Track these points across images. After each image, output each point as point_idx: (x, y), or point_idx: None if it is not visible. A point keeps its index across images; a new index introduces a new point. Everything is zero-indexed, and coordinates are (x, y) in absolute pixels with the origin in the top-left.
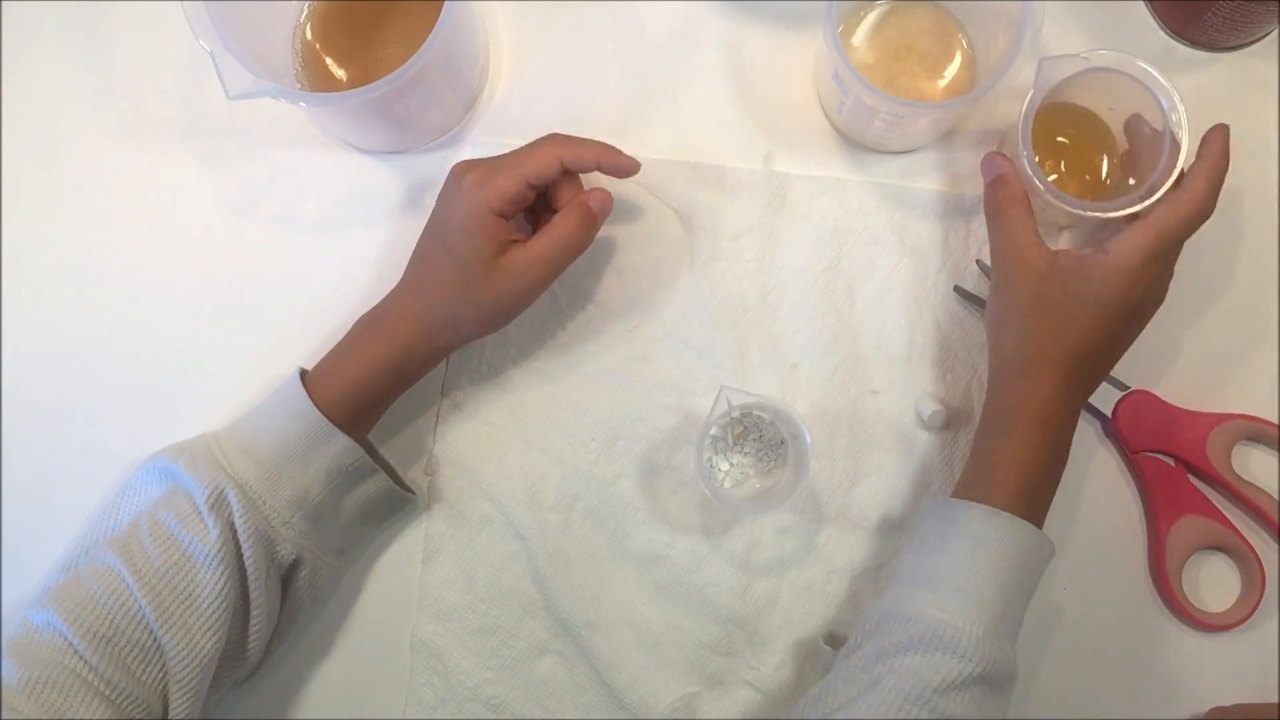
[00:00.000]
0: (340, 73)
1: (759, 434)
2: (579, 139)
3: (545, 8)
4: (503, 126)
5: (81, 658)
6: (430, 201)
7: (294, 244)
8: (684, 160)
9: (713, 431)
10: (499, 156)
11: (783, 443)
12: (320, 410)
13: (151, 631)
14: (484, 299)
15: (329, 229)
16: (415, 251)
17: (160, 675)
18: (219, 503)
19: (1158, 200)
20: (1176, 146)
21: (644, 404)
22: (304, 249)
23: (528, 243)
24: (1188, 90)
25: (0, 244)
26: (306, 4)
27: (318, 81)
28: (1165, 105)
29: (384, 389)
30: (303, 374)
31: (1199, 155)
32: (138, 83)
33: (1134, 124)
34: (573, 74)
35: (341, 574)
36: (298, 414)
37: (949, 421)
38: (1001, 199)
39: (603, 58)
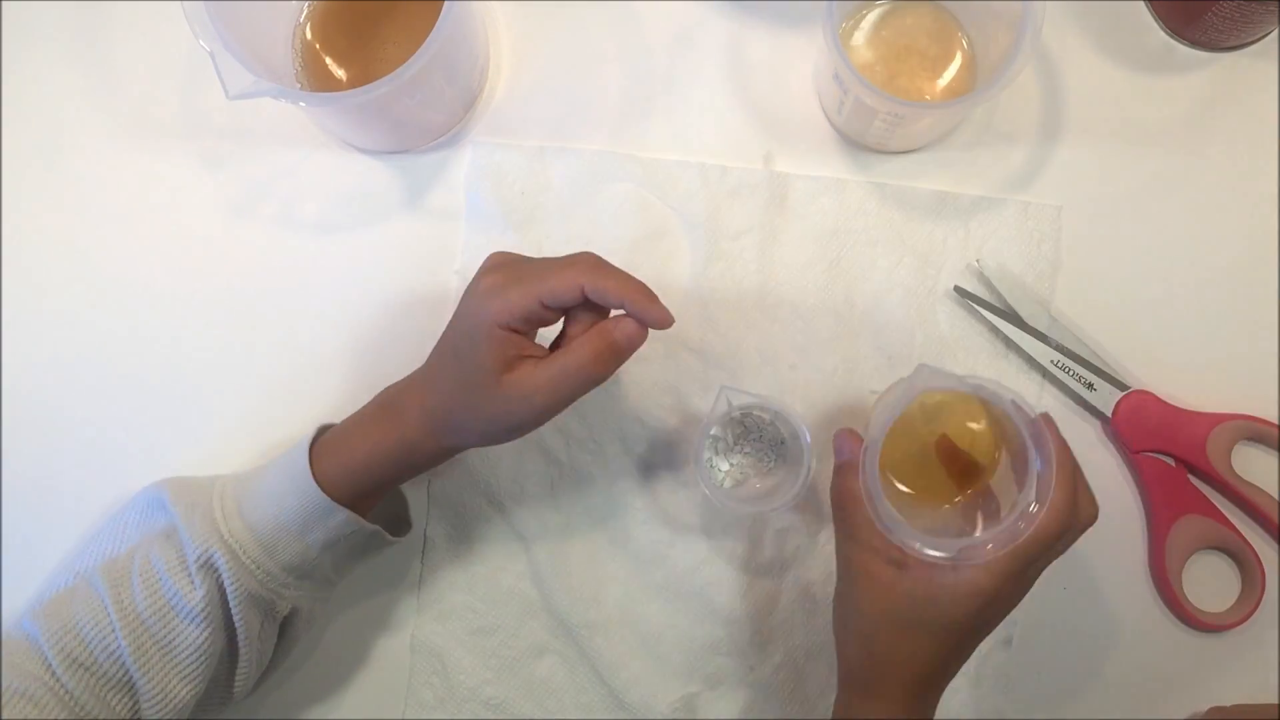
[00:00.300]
0: (340, 73)
1: (759, 434)
2: (611, 271)
3: (545, 8)
4: (503, 126)
5: (57, 679)
6: (430, 201)
7: (294, 244)
8: (684, 160)
9: (713, 431)
10: (525, 263)
11: (783, 442)
12: (322, 485)
13: (127, 669)
14: (487, 413)
15: (329, 229)
16: (440, 339)
17: (132, 708)
18: (207, 565)
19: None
20: (1043, 482)
21: (643, 404)
22: (304, 249)
23: (539, 364)
24: (1188, 90)
25: (0, 243)
26: (306, 4)
27: (318, 81)
28: (1029, 438)
29: (389, 474)
30: (317, 435)
31: (1054, 466)
32: (138, 83)
33: (1005, 426)
34: (573, 74)
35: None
36: (298, 488)
37: None
38: (846, 491)
39: (603, 58)
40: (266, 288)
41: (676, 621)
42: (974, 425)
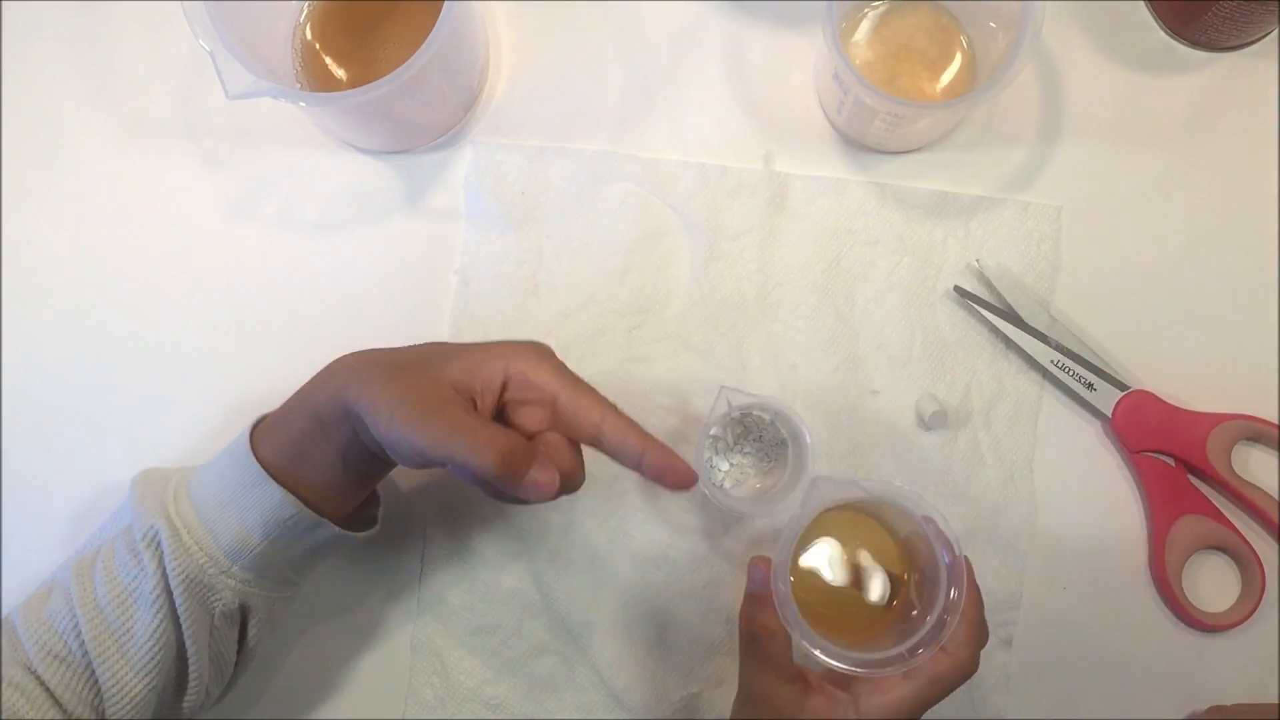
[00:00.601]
0: (340, 73)
1: (759, 434)
2: (633, 429)
3: (545, 8)
4: (503, 126)
5: (35, 673)
6: (430, 201)
7: (294, 244)
8: (684, 160)
9: (713, 431)
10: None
11: (783, 443)
12: (261, 459)
13: (89, 661)
14: (406, 384)
15: (329, 229)
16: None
17: (98, 704)
18: (152, 543)
19: (922, 654)
20: (951, 601)
21: (644, 404)
22: (304, 249)
23: (468, 414)
24: (1188, 90)
25: (0, 243)
26: (306, 4)
27: (318, 81)
28: (940, 551)
29: (308, 436)
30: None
31: (962, 608)
32: (138, 83)
33: (913, 541)
34: (573, 74)
35: (329, 598)
36: (236, 461)
37: (949, 421)
38: (757, 623)
39: (603, 58)
40: (266, 288)
41: (677, 621)
42: (879, 539)
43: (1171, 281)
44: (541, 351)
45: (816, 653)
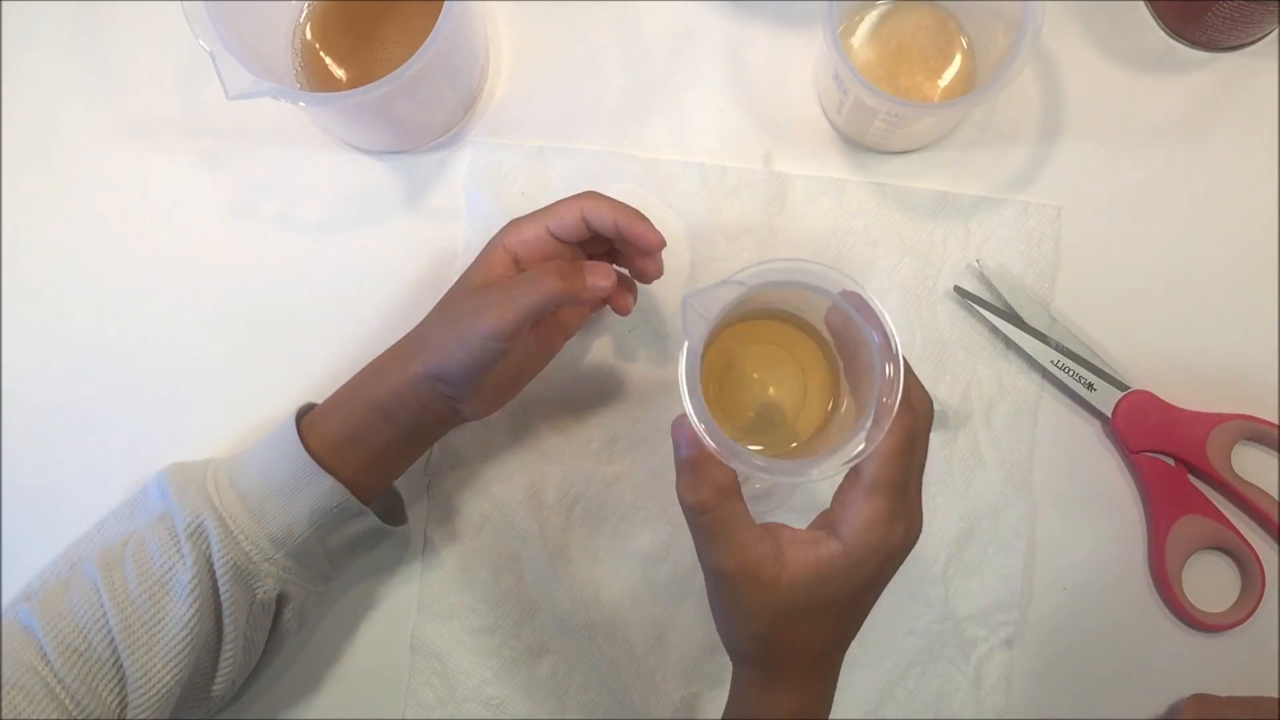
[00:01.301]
0: (340, 73)
1: None
2: (608, 199)
3: (545, 8)
4: (503, 126)
5: (51, 667)
6: (430, 201)
7: (294, 244)
8: (684, 160)
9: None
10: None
11: None
12: (310, 450)
13: (116, 654)
14: (450, 314)
15: (329, 229)
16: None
17: (120, 698)
18: (197, 533)
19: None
20: (888, 359)
21: (644, 403)
22: (304, 249)
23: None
24: (1188, 90)
25: (0, 243)
26: (306, 4)
27: (318, 81)
28: (867, 330)
29: (367, 425)
30: (306, 411)
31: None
32: (138, 83)
33: (831, 317)
34: (573, 74)
35: (330, 597)
36: (285, 452)
37: (949, 421)
38: (702, 491)
39: (603, 58)
40: (266, 288)
41: (677, 622)
42: (807, 342)
43: (1171, 281)
44: (516, 222)
45: (771, 475)
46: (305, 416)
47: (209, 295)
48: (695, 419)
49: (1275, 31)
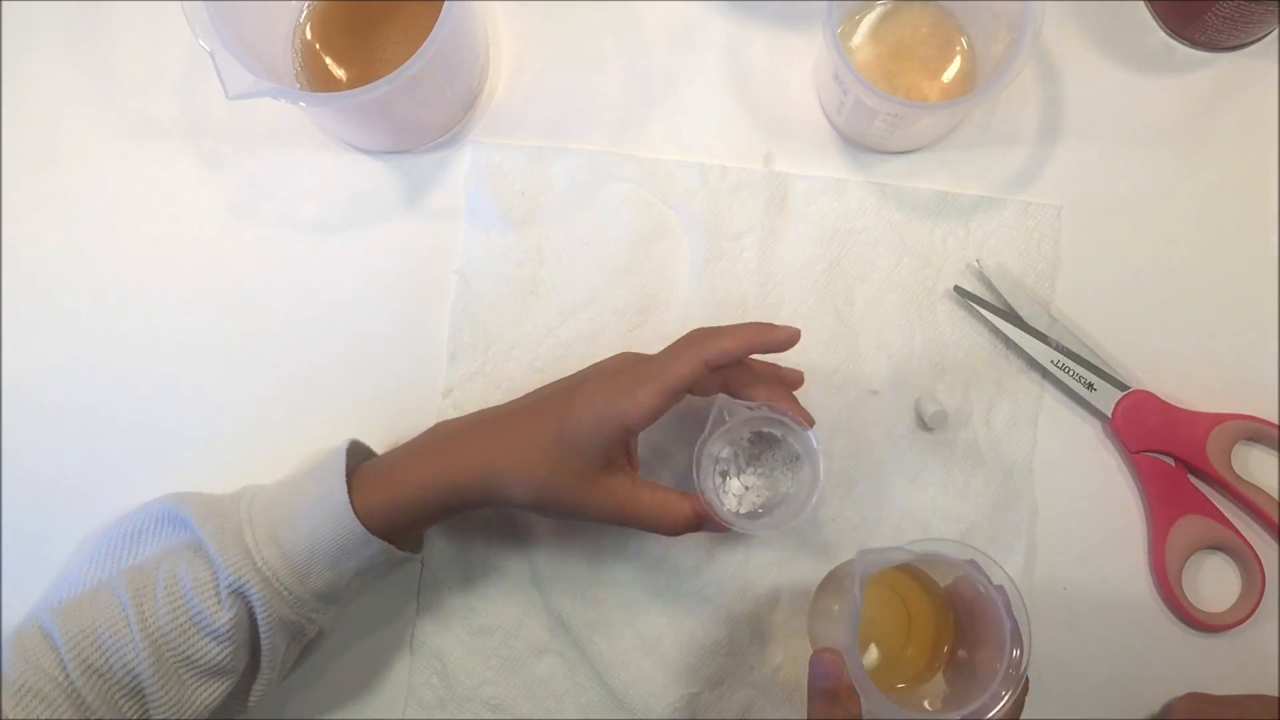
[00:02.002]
0: (340, 73)
1: (771, 452)
2: (720, 332)
3: (545, 8)
4: (503, 126)
5: (71, 682)
6: (430, 201)
7: (294, 244)
8: (684, 160)
9: (723, 454)
10: (647, 361)
11: (796, 458)
12: (361, 517)
13: (140, 681)
14: (559, 497)
15: (329, 229)
16: (534, 397)
17: (138, 714)
18: (238, 593)
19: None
20: (1018, 645)
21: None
22: (304, 249)
23: (633, 489)
24: (1188, 90)
25: (0, 243)
26: (306, 4)
27: (318, 81)
28: (1003, 613)
29: (431, 514)
30: (355, 459)
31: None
32: (138, 83)
33: (961, 587)
34: (573, 74)
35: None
36: (336, 520)
37: (949, 421)
38: (835, 716)
39: (603, 58)
40: (266, 288)
41: (677, 622)
42: (919, 591)
43: (1171, 281)
44: (631, 380)
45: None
46: (356, 472)
47: (209, 295)
48: (851, 664)
49: (1275, 31)
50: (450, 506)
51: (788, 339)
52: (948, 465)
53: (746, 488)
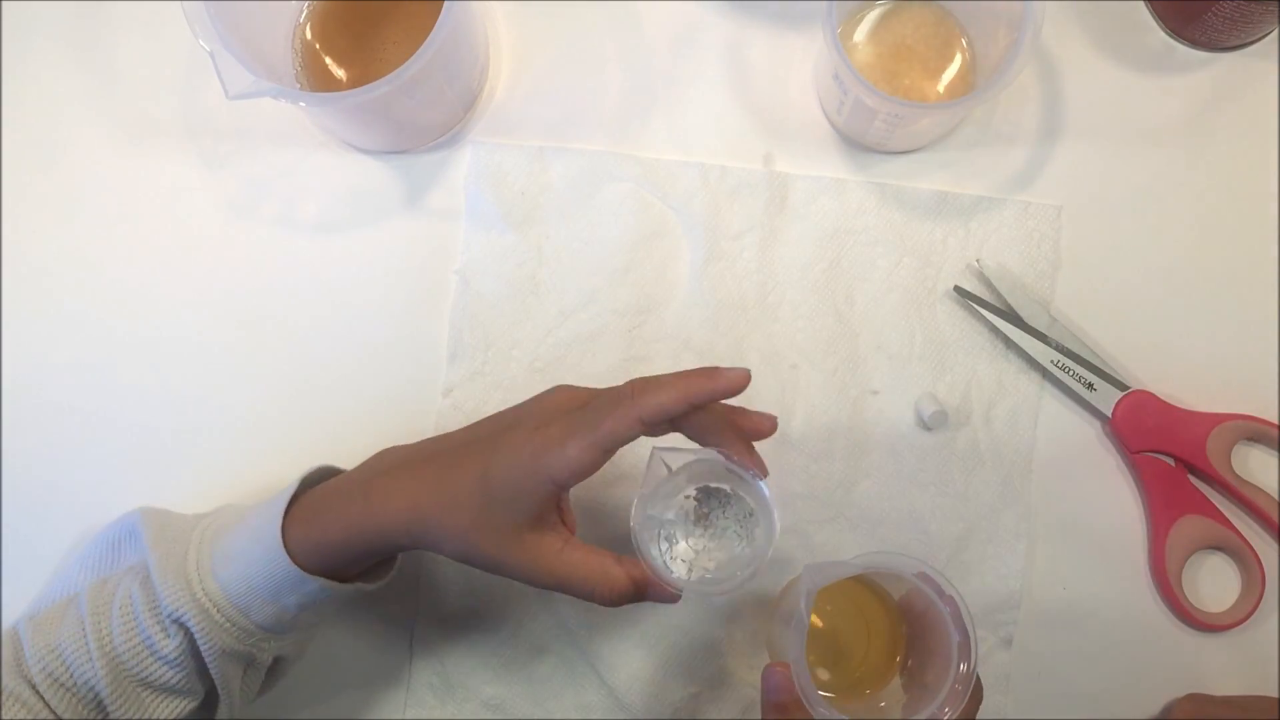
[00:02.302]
0: (340, 73)
1: (723, 510)
2: (660, 385)
3: (545, 7)
4: (503, 126)
5: (39, 694)
6: (430, 201)
7: (294, 244)
8: (684, 160)
9: (668, 515)
10: (582, 409)
11: (751, 514)
12: (294, 554)
13: (100, 698)
14: (483, 553)
15: (329, 229)
16: (461, 436)
17: None
18: (178, 623)
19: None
20: (965, 659)
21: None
22: (304, 249)
23: (564, 550)
24: (1188, 90)
25: (0, 244)
26: (306, 4)
27: (318, 81)
28: (950, 624)
29: (355, 555)
30: (315, 482)
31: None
32: (138, 83)
33: (915, 600)
34: (573, 74)
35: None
36: (268, 557)
37: (949, 421)
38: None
39: (603, 58)
40: (266, 288)
41: (677, 621)
42: (876, 604)
43: (1171, 281)
44: (561, 431)
45: None
46: (296, 503)
47: (209, 295)
48: (799, 677)
49: (1275, 31)
50: (377, 551)
51: (733, 384)
52: (947, 465)
53: (696, 552)
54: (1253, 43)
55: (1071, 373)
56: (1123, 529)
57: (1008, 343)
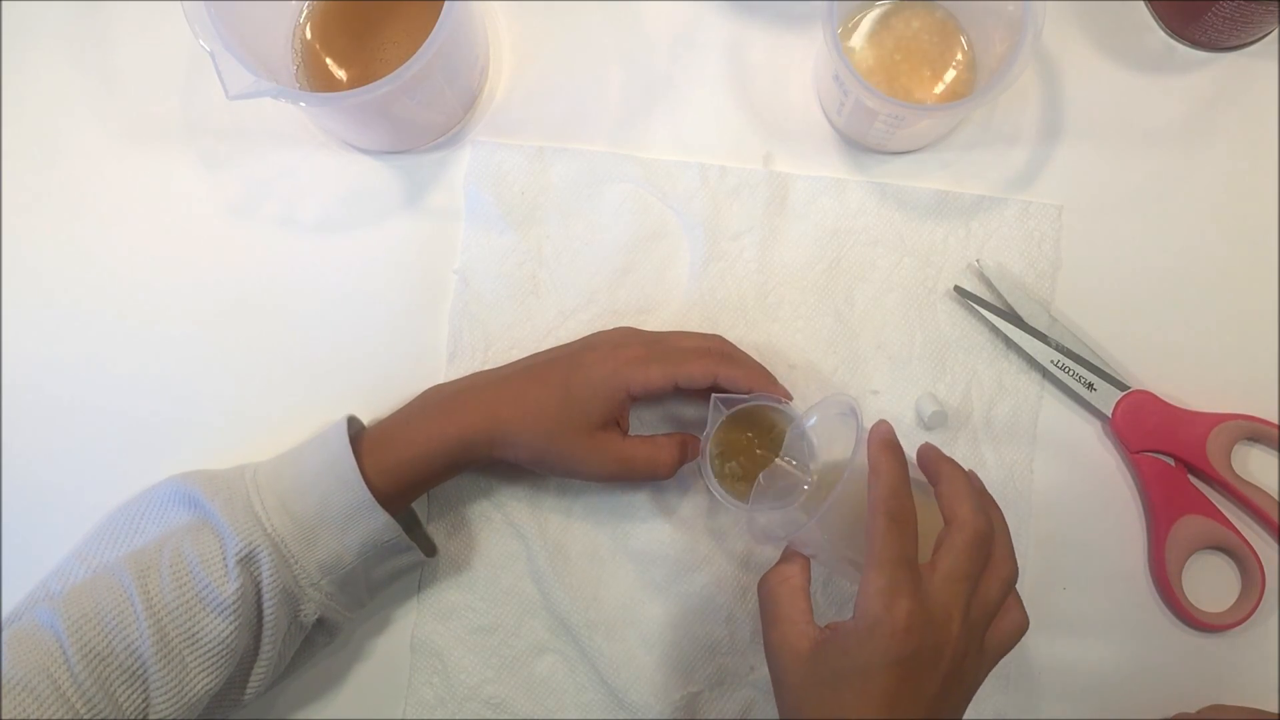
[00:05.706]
0: (340, 73)
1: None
2: (741, 361)
3: (545, 8)
4: (503, 126)
5: (69, 669)
6: (430, 201)
7: (294, 244)
8: (684, 160)
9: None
10: (662, 339)
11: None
12: (368, 481)
13: (143, 662)
14: (559, 449)
15: (329, 229)
16: (536, 359)
17: (142, 703)
18: (249, 559)
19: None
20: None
21: (644, 403)
22: (304, 249)
23: (625, 441)
24: (1188, 90)
25: (0, 244)
26: (306, 4)
27: (318, 81)
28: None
29: (436, 472)
30: (353, 430)
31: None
32: (138, 83)
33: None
34: (573, 74)
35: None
36: (343, 482)
37: (949, 421)
38: (778, 578)
39: (603, 58)
40: (266, 287)
41: (677, 621)
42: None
43: (1171, 281)
44: (642, 366)
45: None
46: (358, 439)
47: (209, 295)
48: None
49: (1275, 31)
50: (456, 463)
51: (783, 394)
52: None
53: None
54: (1253, 43)
55: (1071, 373)
56: (1123, 529)
57: (1008, 343)
